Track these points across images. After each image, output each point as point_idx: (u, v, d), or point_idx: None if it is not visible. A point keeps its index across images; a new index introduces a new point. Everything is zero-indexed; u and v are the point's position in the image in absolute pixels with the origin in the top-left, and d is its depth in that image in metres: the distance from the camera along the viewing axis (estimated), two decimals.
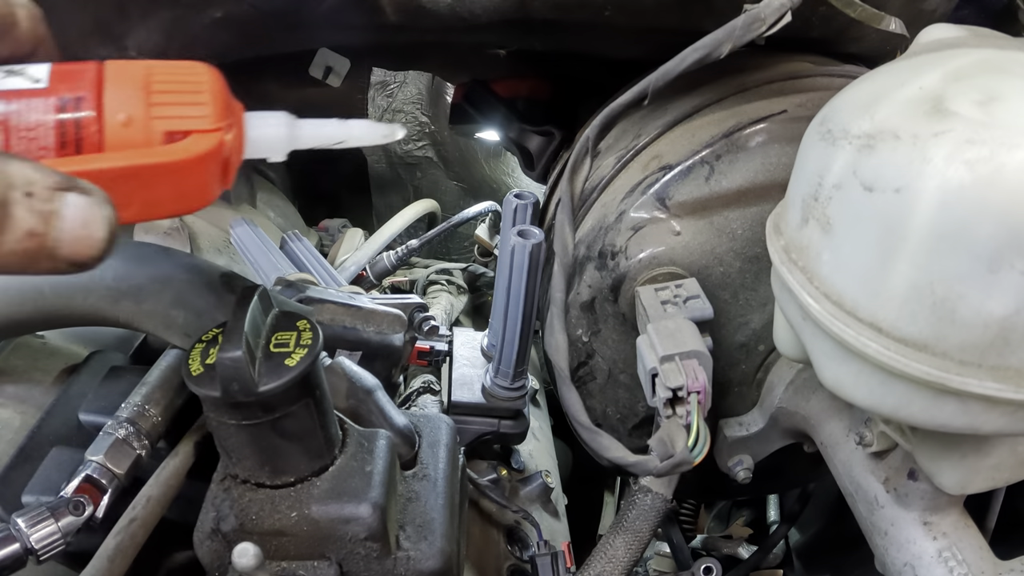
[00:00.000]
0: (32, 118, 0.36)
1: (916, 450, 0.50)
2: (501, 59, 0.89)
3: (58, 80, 0.37)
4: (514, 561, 0.74)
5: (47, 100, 0.36)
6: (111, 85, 0.37)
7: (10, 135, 0.36)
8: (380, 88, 1.54)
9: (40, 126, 0.36)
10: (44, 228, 0.32)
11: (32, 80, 0.37)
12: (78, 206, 0.33)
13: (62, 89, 0.37)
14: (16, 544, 0.44)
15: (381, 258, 1.23)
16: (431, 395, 0.83)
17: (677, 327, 0.57)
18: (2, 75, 0.36)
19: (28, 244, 0.32)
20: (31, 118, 0.36)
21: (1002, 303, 0.36)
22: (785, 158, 0.63)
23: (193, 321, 0.51)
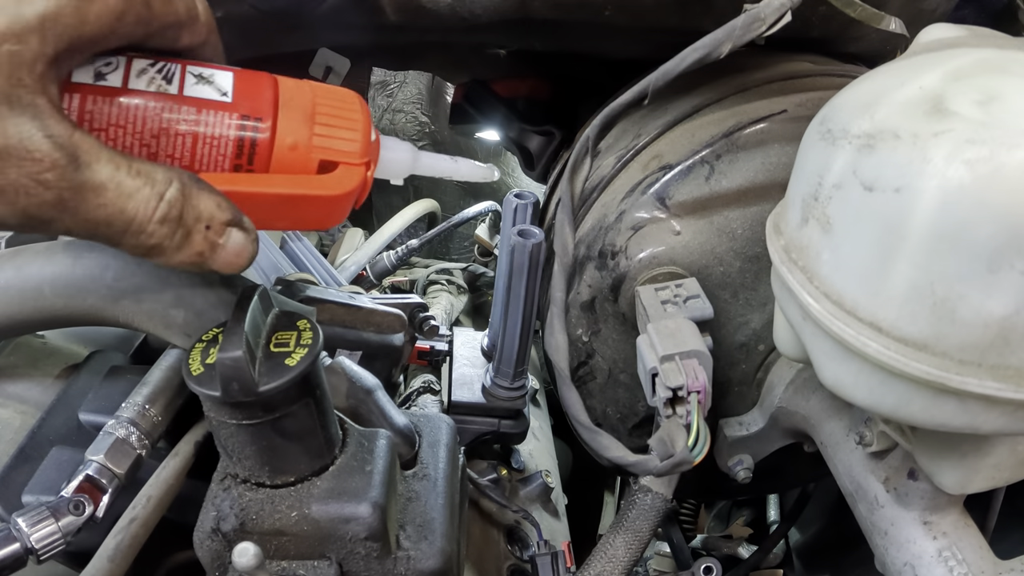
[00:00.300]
0: (217, 131, 0.41)
1: (916, 450, 0.50)
2: (501, 59, 0.89)
3: (241, 96, 0.41)
4: (514, 561, 0.74)
5: (231, 116, 0.41)
6: (284, 109, 0.42)
7: (198, 141, 0.40)
8: (380, 88, 1.54)
9: (223, 138, 0.41)
10: (209, 253, 0.40)
11: (220, 92, 0.41)
12: (237, 240, 0.41)
13: (244, 107, 0.41)
14: (16, 544, 0.44)
15: (381, 258, 1.23)
16: (431, 395, 0.84)
17: (677, 327, 0.57)
18: (193, 80, 0.40)
19: (192, 260, 0.40)
20: (216, 130, 0.41)
21: (1002, 303, 0.36)
22: (785, 158, 0.63)
23: (193, 321, 0.51)
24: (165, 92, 0.40)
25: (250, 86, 0.42)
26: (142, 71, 0.40)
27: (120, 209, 0.37)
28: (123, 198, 0.37)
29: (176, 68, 0.41)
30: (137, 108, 0.39)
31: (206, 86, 0.41)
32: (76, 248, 0.53)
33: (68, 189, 0.36)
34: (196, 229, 0.39)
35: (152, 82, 0.40)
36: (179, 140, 0.40)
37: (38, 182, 0.35)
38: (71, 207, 0.36)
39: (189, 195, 0.39)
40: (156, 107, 0.40)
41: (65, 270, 0.52)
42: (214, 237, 0.40)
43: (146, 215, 0.38)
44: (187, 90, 0.40)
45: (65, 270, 0.52)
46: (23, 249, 0.54)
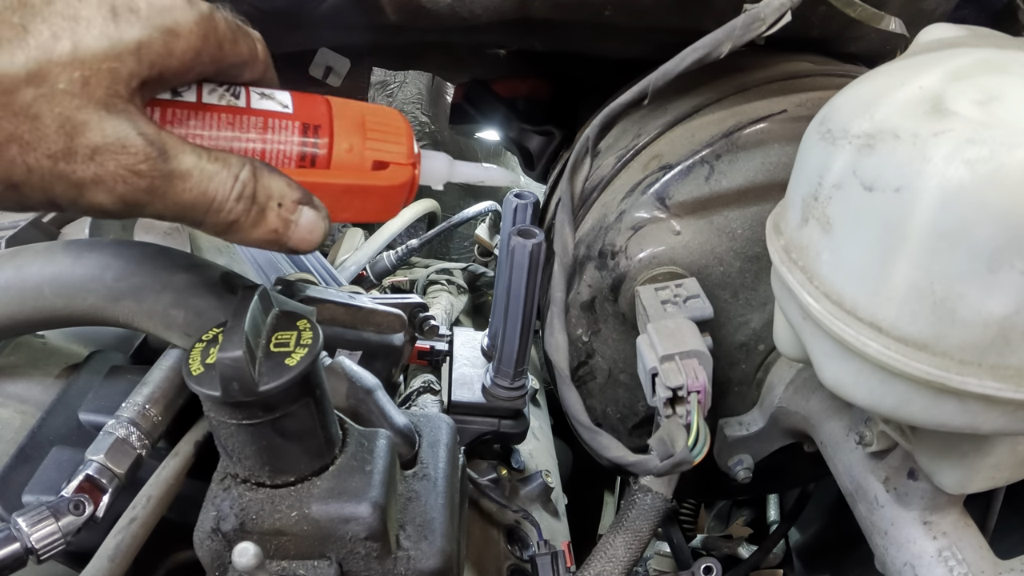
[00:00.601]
0: (282, 137, 0.46)
1: (916, 449, 0.50)
2: (501, 59, 0.89)
3: (299, 108, 0.47)
4: (514, 561, 0.74)
5: (293, 123, 0.47)
6: (338, 119, 0.48)
7: (266, 144, 0.46)
8: (380, 88, 1.54)
9: (288, 142, 0.46)
10: (283, 230, 0.45)
11: (282, 105, 0.47)
12: (308, 217, 0.45)
13: (303, 116, 0.47)
14: (16, 544, 0.44)
15: (381, 258, 1.23)
16: (431, 395, 0.84)
17: (677, 327, 0.57)
18: (258, 97, 0.46)
19: (269, 237, 0.44)
20: (281, 136, 0.46)
21: (1002, 303, 0.36)
22: (785, 158, 0.63)
23: (193, 321, 0.51)
24: (234, 105, 0.45)
25: (307, 100, 0.48)
26: (212, 90, 0.45)
27: (203, 191, 0.42)
28: (205, 181, 0.42)
29: (241, 88, 0.46)
30: (211, 118, 0.45)
31: (269, 101, 0.47)
32: (76, 248, 0.53)
33: (159, 177, 0.41)
34: (269, 207, 0.44)
35: (222, 98, 0.45)
36: (250, 143, 0.45)
37: (133, 172, 0.40)
38: (161, 192, 0.41)
39: (260, 175, 0.44)
40: (227, 117, 0.45)
41: (65, 270, 0.52)
42: (287, 214, 0.44)
43: (224, 194, 0.42)
44: (253, 103, 0.46)
45: (65, 270, 0.52)
46: (23, 249, 0.54)
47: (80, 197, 0.40)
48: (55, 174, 0.39)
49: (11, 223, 0.78)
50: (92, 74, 0.39)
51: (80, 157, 0.39)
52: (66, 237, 0.80)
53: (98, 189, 0.40)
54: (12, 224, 0.77)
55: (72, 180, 0.40)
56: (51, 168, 0.39)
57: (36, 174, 0.39)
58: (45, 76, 0.38)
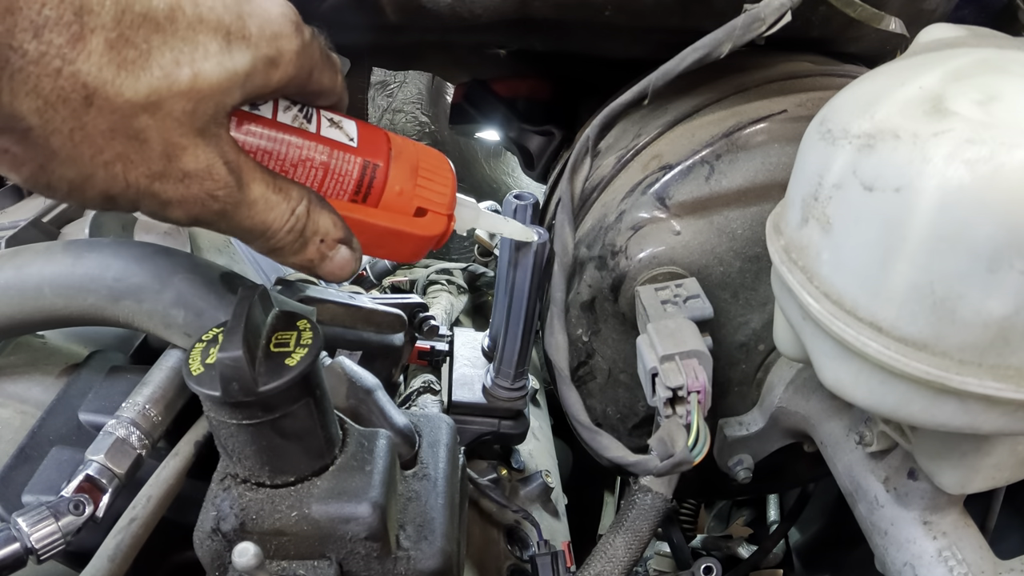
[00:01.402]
0: (344, 168, 0.48)
1: (916, 450, 0.50)
2: (501, 59, 0.89)
3: (363, 142, 0.49)
4: (514, 561, 0.74)
5: (356, 158, 0.49)
6: (395, 160, 0.50)
7: (328, 175, 0.48)
8: (380, 88, 1.54)
9: (347, 175, 0.48)
10: (319, 262, 0.48)
11: (348, 137, 0.49)
12: (344, 256, 0.49)
13: (366, 152, 0.49)
14: (16, 544, 0.44)
15: None
16: (431, 395, 0.84)
17: (677, 327, 0.57)
18: (327, 123, 0.48)
19: (304, 264, 0.48)
20: (343, 168, 0.48)
21: (1002, 303, 0.36)
22: (785, 158, 0.63)
23: (193, 321, 0.51)
24: (305, 129, 0.47)
25: (371, 136, 0.50)
26: (287, 108, 0.47)
27: (262, 220, 0.45)
28: (266, 211, 0.45)
29: (313, 111, 0.48)
30: (283, 139, 0.46)
31: (337, 130, 0.48)
32: (76, 248, 0.53)
33: (231, 204, 0.43)
34: (312, 240, 0.47)
35: (295, 119, 0.47)
36: (313, 171, 0.47)
37: (212, 197, 0.43)
38: (228, 216, 0.44)
39: (313, 212, 0.46)
40: (298, 141, 0.47)
41: (65, 270, 0.52)
42: (325, 250, 0.48)
43: (279, 225, 0.45)
44: (323, 131, 0.48)
45: (65, 270, 0.52)
46: (23, 249, 0.54)
47: (160, 212, 0.43)
48: (148, 192, 0.41)
49: (11, 223, 0.78)
50: (201, 105, 0.40)
51: (172, 179, 0.41)
52: (66, 237, 0.80)
53: (178, 208, 0.43)
54: (12, 224, 0.77)
55: (160, 199, 0.42)
56: (147, 186, 0.41)
57: (132, 189, 0.41)
58: (161, 104, 0.39)
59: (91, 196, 0.41)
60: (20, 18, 0.35)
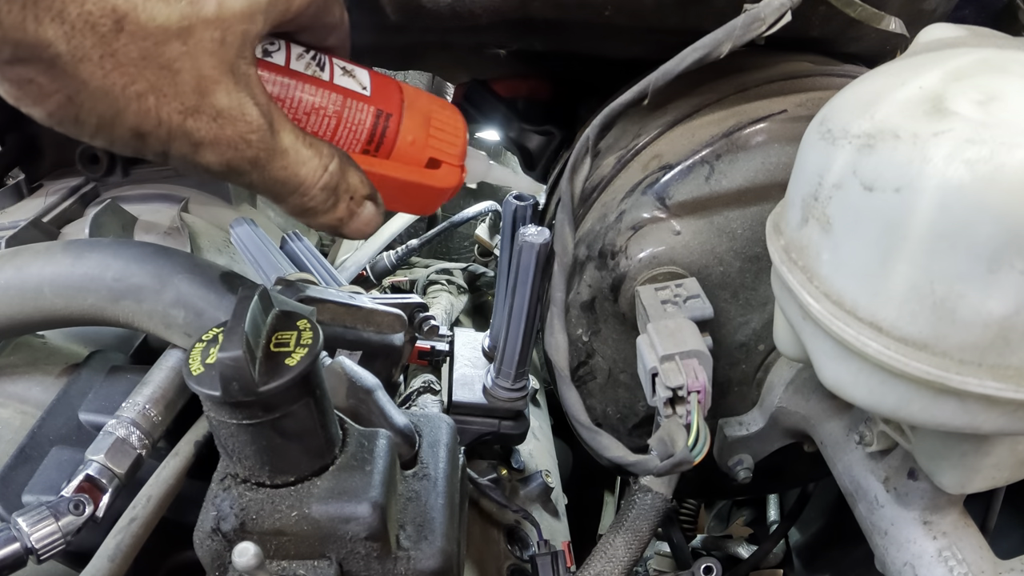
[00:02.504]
0: (357, 117, 0.48)
1: (916, 449, 0.50)
2: (501, 59, 0.89)
3: (376, 92, 0.49)
4: (514, 561, 0.74)
5: (368, 107, 0.48)
6: (408, 110, 0.50)
7: (340, 124, 0.47)
8: None
9: (360, 124, 0.48)
10: (347, 219, 0.48)
11: (361, 86, 0.48)
12: (369, 211, 0.49)
13: (379, 101, 0.48)
14: (16, 544, 0.44)
15: (381, 258, 1.23)
16: (431, 395, 0.84)
17: (677, 326, 0.57)
18: (340, 72, 0.47)
19: (333, 223, 0.48)
20: (356, 117, 0.48)
21: (1002, 303, 0.36)
22: (785, 158, 0.63)
23: (193, 321, 0.51)
24: (319, 77, 0.47)
25: (383, 85, 0.50)
26: (300, 55, 0.46)
27: (295, 173, 0.44)
28: (299, 164, 0.44)
29: (325, 58, 0.47)
30: (297, 86, 0.46)
31: (350, 78, 0.48)
32: (76, 248, 0.53)
33: (264, 149, 0.43)
34: (343, 198, 0.47)
35: (308, 66, 0.46)
36: (326, 120, 0.47)
37: (245, 140, 0.42)
38: (261, 164, 0.43)
39: (344, 170, 0.46)
40: (311, 88, 0.46)
41: (65, 270, 0.52)
42: (354, 207, 0.48)
43: (312, 181, 0.45)
44: (336, 79, 0.47)
45: (65, 270, 0.52)
46: (23, 249, 0.54)
47: (193, 154, 0.42)
48: (180, 129, 0.40)
49: (11, 223, 0.78)
50: (228, 34, 0.39)
51: (205, 117, 0.40)
52: (66, 237, 0.80)
53: (211, 150, 0.42)
54: (12, 224, 0.77)
55: (193, 138, 0.41)
56: (179, 124, 0.40)
57: (164, 127, 0.40)
58: (192, 32, 0.38)
59: (120, 133, 0.40)
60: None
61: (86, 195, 0.88)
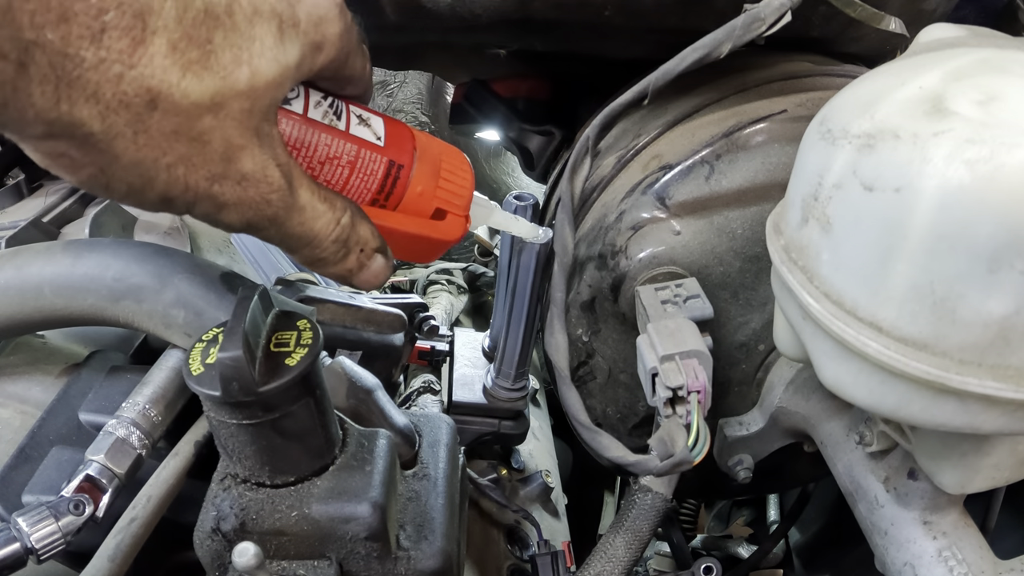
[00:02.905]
0: (370, 168, 0.48)
1: (916, 449, 0.50)
2: (501, 59, 0.89)
3: (390, 142, 0.49)
4: (514, 561, 0.74)
5: (382, 158, 0.48)
6: (419, 161, 0.50)
7: (353, 174, 0.47)
8: (380, 88, 1.54)
9: (372, 176, 0.48)
10: (356, 270, 0.49)
11: (375, 136, 0.48)
12: (379, 264, 0.49)
13: (392, 152, 0.49)
14: (16, 544, 0.44)
15: None
16: (431, 395, 0.84)
17: (677, 326, 0.57)
18: (356, 121, 0.48)
19: (342, 274, 0.48)
20: (369, 168, 0.48)
21: (1002, 303, 0.36)
22: (785, 158, 0.63)
23: (193, 321, 0.51)
24: (335, 127, 0.47)
25: (397, 134, 0.50)
26: (317, 103, 0.46)
27: (309, 228, 0.45)
28: (313, 219, 0.45)
29: (343, 106, 0.47)
30: (314, 135, 0.46)
31: (366, 128, 0.48)
32: (76, 248, 0.53)
33: (283, 208, 0.43)
34: (354, 250, 0.47)
35: (326, 115, 0.46)
36: (339, 170, 0.47)
37: (266, 200, 0.42)
38: (279, 222, 0.44)
39: (356, 223, 0.47)
40: (327, 138, 0.46)
41: (65, 270, 0.52)
42: (364, 259, 0.48)
43: (325, 234, 0.45)
44: (352, 128, 0.47)
45: (65, 270, 0.52)
46: (23, 249, 0.54)
47: (215, 215, 0.42)
48: (207, 194, 0.41)
49: (11, 223, 0.78)
50: (258, 103, 0.40)
51: (230, 181, 0.41)
52: (66, 237, 0.80)
53: (233, 211, 0.42)
54: (12, 224, 0.77)
55: (217, 201, 0.41)
56: (206, 189, 0.40)
57: (191, 192, 0.40)
58: (223, 104, 0.38)
59: (150, 198, 0.40)
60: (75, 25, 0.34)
61: (86, 195, 0.88)
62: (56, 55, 0.34)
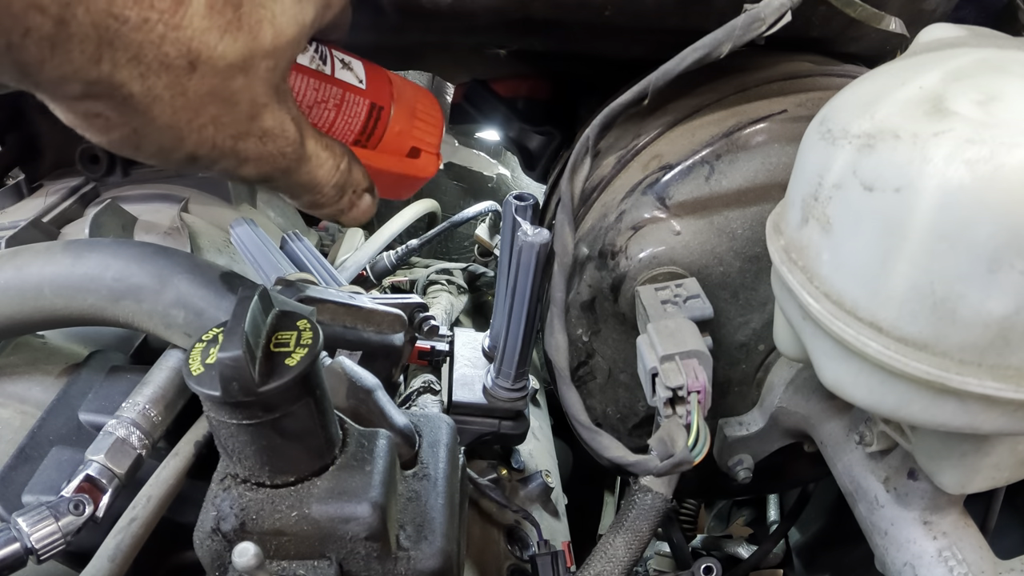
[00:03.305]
0: (353, 109, 0.50)
1: (916, 449, 0.50)
2: (501, 59, 0.89)
3: (371, 84, 0.51)
4: (514, 561, 0.74)
5: (364, 100, 0.51)
6: (397, 102, 0.53)
7: (339, 116, 0.50)
8: None
9: (356, 117, 0.51)
10: (347, 210, 0.51)
11: (357, 79, 0.51)
12: (366, 202, 0.52)
13: (373, 95, 0.51)
14: (16, 544, 0.44)
15: (381, 258, 1.23)
16: (431, 395, 0.84)
17: (677, 327, 0.57)
18: (340, 65, 0.50)
19: (335, 212, 0.51)
20: (353, 110, 0.50)
21: (1002, 303, 0.36)
22: (785, 158, 0.63)
23: (193, 321, 0.51)
24: (322, 71, 0.49)
25: (376, 77, 0.52)
26: (304, 49, 0.47)
27: (313, 176, 0.47)
28: (318, 167, 0.47)
29: (327, 51, 0.49)
30: (303, 80, 0.48)
31: (348, 72, 0.50)
32: (76, 248, 0.53)
33: (295, 159, 0.45)
34: (347, 192, 0.50)
35: (313, 60, 0.48)
36: (326, 113, 0.49)
37: (281, 154, 0.44)
38: (290, 172, 0.45)
39: (351, 167, 0.49)
40: (315, 83, 0.48)
41: (65, 270, 0.52)
42: (355, 199, 0.51)
43: (326, 180, 0.47)
44: (336, 72, 0.50)
45: (65, 270, 0.52)
46: (23, 249, 0.54)
47: (235, 170, 0.44)
48: (231, 151, 0.42)
49: (11, 223, 0.78)
50: (280, 61, 0.41)
51: (253, 138, 0.42)
52: (66, 237, 0.80)
53: (252, 165, 0.44)
54: (12, 224, 0.77)
55: (239, 157, 0.43)
56: (231, 147, 0.42)
57: (216, 150, 0.41)
58: (251, 64, 0.39)
59: (176, 158, 0.41)
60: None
61: (86, 195, 0.88)
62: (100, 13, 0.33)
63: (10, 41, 0.32)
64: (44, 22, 0.32)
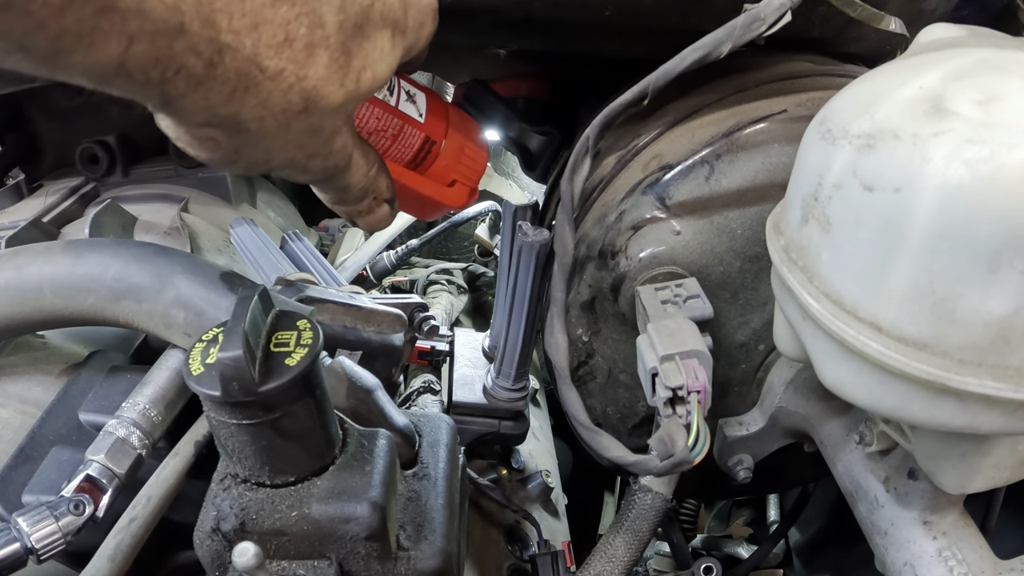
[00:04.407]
0: (409, 140, 0.56)
1: (916, 449, 0.50)
2: (501, 59, 0.89)
3: (429, 119, 0.56)
4: (514, 561, 0.74)
5: (420, 133, 0.56)
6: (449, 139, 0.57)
7: (395, 143, 0.55)
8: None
9: (409, 147, 0.56)
10: (365, 215, 0.55)
11: (418, 113, 0.56)
12: (384, 211, 0.56)
13: (429, 130, 0.56)
14: (16, 544, 0.44)
15: (381, 258, 1.23)
16: (431, 395, 0.84)
17: (677, 326, 0.57)
18: (404, 97, 0.55)
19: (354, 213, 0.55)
20: (408, 141, 0.55)
21: (1002, 303, 0.36)
22: (785, 158, 0.63)
23: (193, 320, 0.51)
24: (387, 102, 0.53)
25: (435, 111, 0.57)
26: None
27: (349, 180, 0.51)
28: (354, 172, 0.50)
29: (395, 81, 0.54)
30: (369, 110, 0.53)
31: (411, 104, 0.55)
32: (76, 248, 0.53)
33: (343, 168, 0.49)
34: (368, 197, 0.53)
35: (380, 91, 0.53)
36: (383, 141, 0.55)
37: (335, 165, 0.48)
38: (337, 174, 0.49)
39: (379, 175, 0.53)
40: (377, 112, 0.53)
41: (65, 270, 0.52)
42: (374, 205, 0.55)
43: (356, 183, 0.51)
44: (400, 104, 0.54)
45: (65, 270, 0.52)
46: (23, 249, 0.54)
47: (294, 176, 0.48)
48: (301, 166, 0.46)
49: (11, 223, 0.78)
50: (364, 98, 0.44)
51: (321, 156, 0.46)
52: (66, 237, 0.80)
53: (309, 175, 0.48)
54: (12, 224, 0.77)
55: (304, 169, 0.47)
56: (303, 163, 0.46)
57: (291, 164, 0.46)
58: (346, 106, 0.43)
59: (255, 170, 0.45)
60: (264, 34, 0.36)
61: (86, 195, 0.88)
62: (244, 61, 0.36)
63: (164, 76, 0.35)
64: (197, 63, 0.35)
